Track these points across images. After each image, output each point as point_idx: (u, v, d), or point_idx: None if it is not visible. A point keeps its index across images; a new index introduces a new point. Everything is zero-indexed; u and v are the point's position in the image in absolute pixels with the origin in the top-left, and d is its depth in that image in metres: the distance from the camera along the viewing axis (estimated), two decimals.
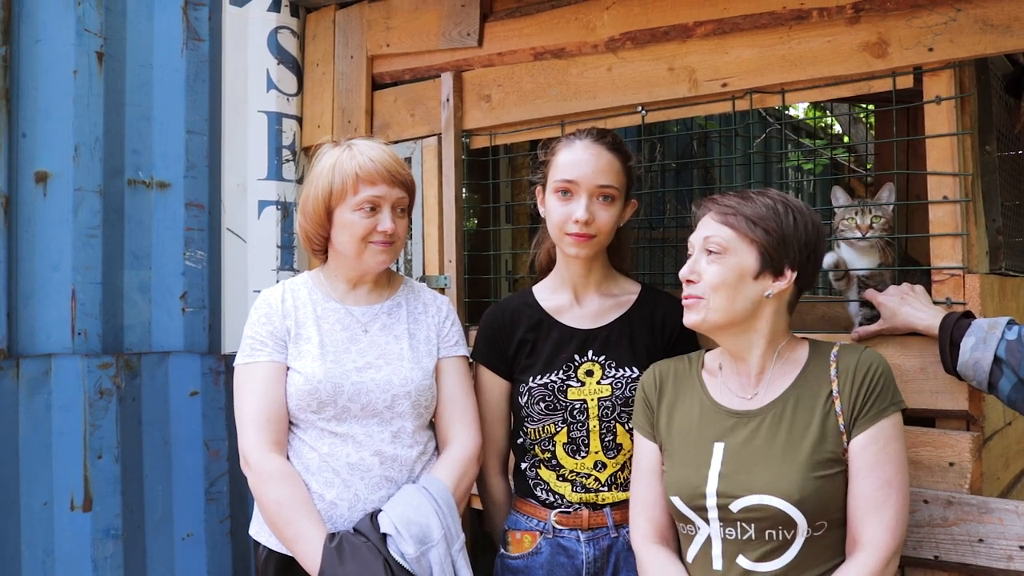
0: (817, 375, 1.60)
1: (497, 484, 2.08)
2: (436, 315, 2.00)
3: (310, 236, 1.93)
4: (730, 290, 1.59)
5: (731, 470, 1.57)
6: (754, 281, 1.59)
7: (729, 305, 1.59)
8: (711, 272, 1.60)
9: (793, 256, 1.59)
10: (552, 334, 1.96)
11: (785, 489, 1.51)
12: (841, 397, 1.56)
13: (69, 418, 2.31)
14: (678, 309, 1.97)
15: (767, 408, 1.61)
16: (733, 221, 1.60)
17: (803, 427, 1.56)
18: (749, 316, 1.61)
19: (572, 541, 1.90)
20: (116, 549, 2.35)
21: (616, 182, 1.88)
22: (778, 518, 1.51)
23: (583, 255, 1.90)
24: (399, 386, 1.86)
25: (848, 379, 1.57)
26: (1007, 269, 2.15)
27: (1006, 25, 1.80)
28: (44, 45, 2.36)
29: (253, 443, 1.79)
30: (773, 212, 1.59)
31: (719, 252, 1.60)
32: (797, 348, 1.67)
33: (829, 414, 1.56)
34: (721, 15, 2.14)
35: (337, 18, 2.82)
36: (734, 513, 1.54)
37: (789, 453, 1.54)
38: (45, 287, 2.33)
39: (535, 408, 1.93)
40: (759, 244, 1.58)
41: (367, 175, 1.84)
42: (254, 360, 1.85)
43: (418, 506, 1.76)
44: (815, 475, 1.51)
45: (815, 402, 1.58)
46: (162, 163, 2.55)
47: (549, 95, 2.43)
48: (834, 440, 1.54)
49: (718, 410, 1.65)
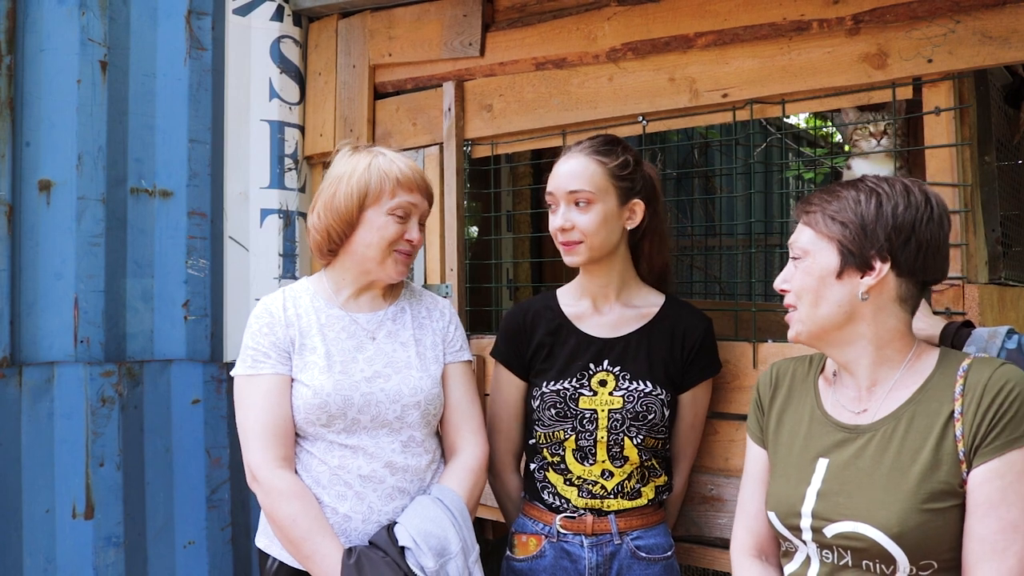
0: (939, 391, 1.39)
1: (513, 481, 2.08)
2: (440, 320, 1.98)
3: (331, 234, 1.85)
4: (814, 296, 1.45)
5: (831, 490, 1.41)
6: (838, 281, 1.43)
7: (813, 312, 1.45)
8: (796, 280, 1.48)
9: (880, 244, 1.40)
10: (570, 340, 1.96)
11: (883, 520, 1.33)
12: (964, 419, 1.34)
13: (71, 426, 2.32)
14: (701, 323, 1.97)
15: (878, 424, 1.42)
16: (811, 220, 1.47)
17: (914, 450, 1.36)
18: (844, 322, 1.44)
19: (576, 546, 1.90)
20: (118, 557, 2.35)
21: (589, 185, 1.84)
22: (874, 551, 1.34)
23: (576, 262, 1.90)
24: (408, 396, 1.83)
25: (975, 399, 1.34)
26: (1007, 279, 2.16)
27: (1005, 37, 1.81)
28: (48, 54, 2.37)
29: (261, 460, 1.75)
30: (853, 202, 1.42)
31: (801, 257, 1.47)
32: (923, 357, 1.45)
33: (947, 438, 1.34)
34: (722, 26, 2.15)
35: (340, 27, 2.83)
36: (828, 538, 1.39)
37: (894, 479, 1.35)
38: (48, 295, 2.34)
39: (546, 413, 1.92)
40: (836, 240, 1.43)
41: (407, 181, 1.83)
42: (257, 372, 1.80)
43: (435, 518, 1.74)
44: (922, 507, 1.32)
45: (932, 422, 1.36)
46: (165, 172, 2.56)
47: (550, 105, 2.44)
48: (950, 469, 1.33)
49: (827, 422, 1.49)
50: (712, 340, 2.00)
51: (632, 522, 1.91)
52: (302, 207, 2.84)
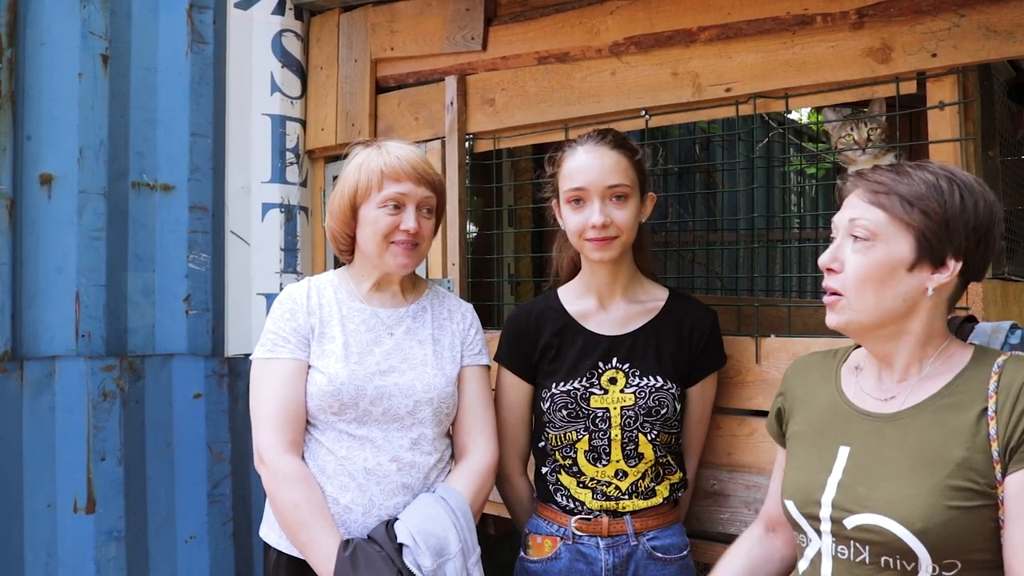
0: (972, 386, 1.31)
1: (521, 484, 2.07)
2: (461, 322, 1.98)
3: (337, 235, 1.91)
4: (878, 285, 1.33)
5: (853, 480, 1.34)
6: (908, 274, 1.32)
7: (877, 304, 1.33)
8: (855, 263, 1.34)
9: (958, 243, 1.31)
10: (577, 340, 1.93)
11: (906, 513, 1.25)
12: (999, 418, 1.26)
13: (72, 420, 2.32)
14: (708, 316, 1.97)
15: (904, 414, 1.35)
16: (885, 201, 1.33)
17: (943, 444, 1.28)
18: (902, 316, 1.35)
19: (592, 548, 1.88)
20: (119, 551, 2.35)
21: (626, 179, 1.84)
22: (895, 546, 1.26)
23: (607, 258, 1.86)
24: (421, 392, 1.83)
25: (1010, 398, 1.26)
26: (1010, 274, 2.16)
27: (1009, 31, 1.81)
28: (49, 48, 2.37)
29: (269, 442, 1.76)
30: (935, 190, 1.32)
31: (867, 239, 1.33)
32: (957, 353, 1.38)
33: (979, 435, 1.26)
34: (725, 20, 2.14)
35: (341, 21, 2.83)
36: (847, 530, 1.32)
37: (920, 471, 1.28)
38: (49, 289, 2.34)
39: (557, 415, 1.91)
40: (916, 229, 1.31)
41: (392, 171, 1.82)
42: (275, 356, 1.82)
43: (436, 517, 1.74)
44: (947, 503, 1.24)
45: (964, 418, 1.29)
46: (166, 166, 2.56)
47: (553, 99, 2.44)
48: (982, 469, 1.25)
49: (850, 410, 1.42)
50: (718, 333, 2.00)
51: (648, 522, 1.89)
52: (303, 201, 2.84)
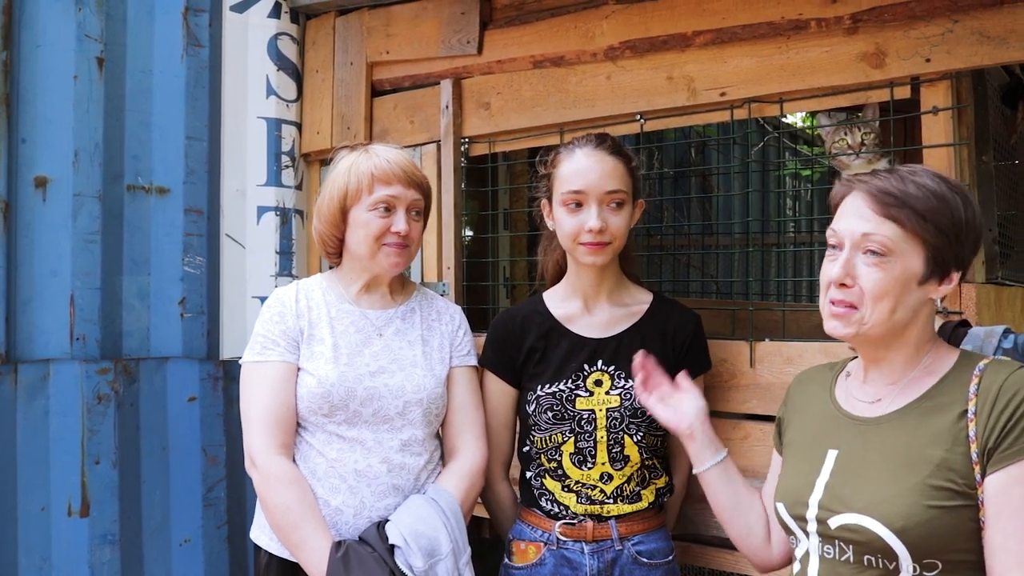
0: (954, 389, 1.33)
1: (503, 490, 2.07)
2: (450, 323, 2.00)
3: (324, 238, 1.92)
4: (893, 300, 1.32)
5: (838, 481, 1.37)
6: (918, 287, 1.34)
7: (889, 318, 1.34)
8: (872, 279, 1.32)
9: (964, 256, 1.33)
10: (562, 343, 1.94)
11: (886, 513, 1.28)
12: (978, 420, 1.27)
13: (67, 423, 2.31)
14: (690, 320, 1.98)
15: (890, 417, 1.37)
16: (899, 215, 1.31)
17: (924, 445, 1.31)
18: (905, 325, 1.37)
19: (576, 553, 1.88)
20: (113, 555, 2.34)
21: (623, 185, 1.86)
22: (876, 545, 1.29)
23: (599, 263, 1.87)
24: (411, 393, 1.85)
25: (989, 400, 1.28)
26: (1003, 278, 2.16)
27: (1003, 37, 1.82)
28: (44, 50, 2.36)
29: (260, 445, 1.77)
30: (942, 202, 1.30)
31: (883, 254, 1.32)
32: (942, 355, 1.40)
33: (960, 437, 1.28)
34: (720, 25, 2.15)
35: (337, 25, 2.83)
36: (832, 530, 1.35)
37: (900, 472, 1.30)
38: (44, 292, 2.33)
39: (543, 417, 1.91)
40: (931, 245, 1.31)
41: (382, 175, 1.84)
42: (265, 359, 1.83)
43: (427, 518, 1.75)
44: (927, 503, 1.26)
45: (945, 419, 1.31)
46: (161, 169, 2.55)
47: (548, 103, 2.44)
48: (962, 469, 1.27)
49: (839, 415, 1.46)
50: (703, 336, 2.01)
51: (633, 527, 1.89)
52: (299, 204, 2.84)
